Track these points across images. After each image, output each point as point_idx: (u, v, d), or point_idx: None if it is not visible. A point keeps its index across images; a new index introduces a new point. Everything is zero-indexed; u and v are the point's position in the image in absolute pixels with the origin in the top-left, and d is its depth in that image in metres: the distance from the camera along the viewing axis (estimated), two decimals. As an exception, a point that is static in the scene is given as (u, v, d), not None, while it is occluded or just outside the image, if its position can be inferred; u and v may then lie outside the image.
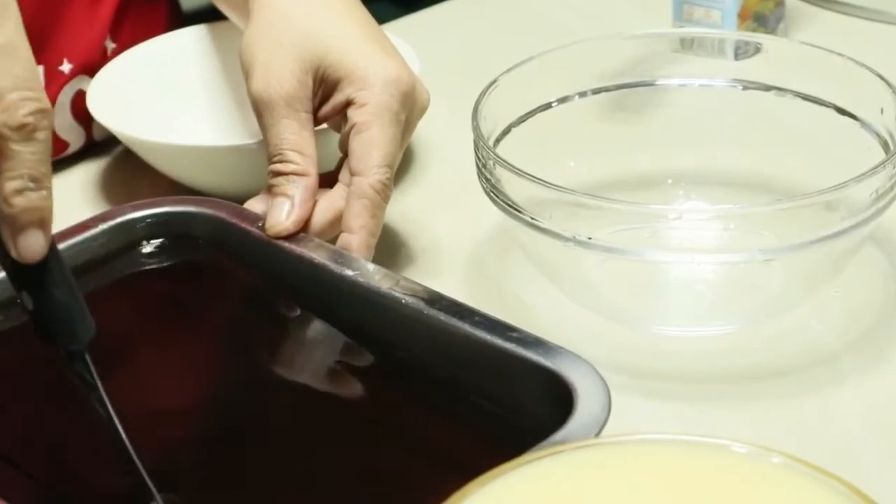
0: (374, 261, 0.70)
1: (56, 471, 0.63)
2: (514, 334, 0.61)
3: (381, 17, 0.80)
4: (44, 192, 0.54)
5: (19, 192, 0.53)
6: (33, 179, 0.53)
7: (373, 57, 0.73)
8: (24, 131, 0.52)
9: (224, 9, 0.89)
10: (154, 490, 0.58)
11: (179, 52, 0.91)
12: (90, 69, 0.88)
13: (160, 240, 0.74)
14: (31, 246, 0.54)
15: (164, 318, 0.73)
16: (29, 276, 0.55)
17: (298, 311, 0.70)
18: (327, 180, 0.74)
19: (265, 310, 0.72)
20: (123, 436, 0.58)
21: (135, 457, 0.58)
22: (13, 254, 0.54)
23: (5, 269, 0.56)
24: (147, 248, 0.74)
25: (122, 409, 0.62)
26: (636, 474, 0.45)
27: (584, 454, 0.46)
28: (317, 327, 0.69)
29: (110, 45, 0.90)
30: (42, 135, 0.53)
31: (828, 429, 0.66)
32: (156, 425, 0.65)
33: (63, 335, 0.57)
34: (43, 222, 0.54)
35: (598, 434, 0.55)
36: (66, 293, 0.56)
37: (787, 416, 0.66)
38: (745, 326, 0.72)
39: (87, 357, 0.57)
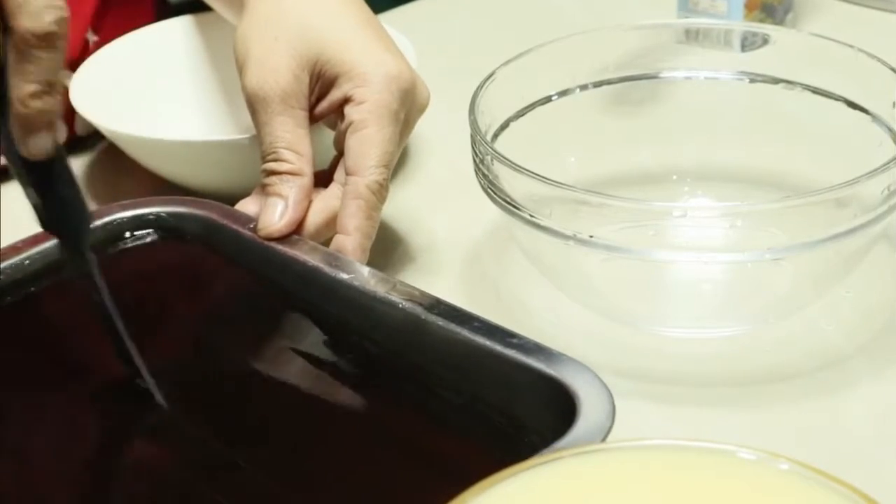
0: (368, 259, 0.69)
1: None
2: (515, 340, 0.60)
3: (376, 7, 0.80)
4: (57, 97, 0.58)
5: (37, 95, 0.57)
6: (49, 84, 0.58)
7: (372, 52, 0.72)
8: (48, 38, 0.56)
9: (213, 2, 0.87)
10: (151, 383, 0.64)
11: (166, 44, 0.91)
12: (71, 62, 0.87)
13: (148, 240, 0.73)
14: (41, 145, 0.59)
15: (151, 320, 0.71)
16: (36, 173, 0.61)
17: (291, 316, 0.69)
18: (321, 178, 0.73)
19: (256, 313, 0.71)
20: (120, 326, 0.64)
21: (131, 345, 0.64)
22: (23, 152, 0.59)
23: (14, 166, 0.61)
24: (134, 248, 0.73)
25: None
26: (638, 481, 0.44)
27: (585, 460, 0.45)
28: (310, 332, 0.68)
29: (92, 38, 0.89)
30: (62, 43, 0.57)
31: (838, 434, 0.65)
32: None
33: (64, 230, 0.63)
34: (52, 125, 0.59)
35: (601, 442, 0.54)
36: (69, 191, 0.62)
37: (795, 420, 0.66)
38: (753, 328, 0.71)
39: (89, 253, 0.63)
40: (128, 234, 0.73)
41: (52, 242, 0.70)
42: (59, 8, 0.56)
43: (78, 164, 0.88)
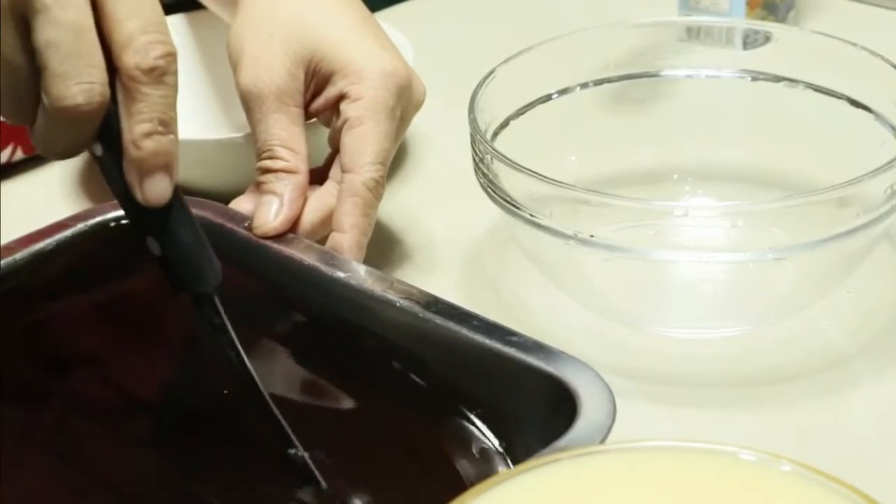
0: (366, 259, 0.69)
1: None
2: (514, 339, 0.59)
3: (374, 4, 0.79)
4: (171, 137, 0.55)
5: (149, 135, 0.54)
6: (162, 123, 0.55)
7: (368, 49, 0.72)
8: (155, 74, 0.54)
9: (207, 0, 0.87)
10: (290, 432, 0.59)
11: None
12: None
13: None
14: (158, 190, 0.55)
15: (146, 318, 0.71)
16: (154, 220, 0.56)
17: (288, 315, 0.69)
18: (316, 176, 0.72)
19: (252, 312, 0.70)
20: (256, 378, 0.59)
21: (269, 400, 0.59)
22: (139, 198, 0.55)
23: (129, 214, 0.57)
24: (130, 248, 0.72)
25: (105, 407, 0.65)
26: (639, 482, 0.43)
27: (585, 461, 0.44)
28: (307, 331, 0.67)
29: None
30: (171, 79, 0.55)
31: (840, 435, 0.65)
32: (135, 422, 0.65)
33: (190, 279, 0.58)
34: (169, 166, 0.55)
35: (602, 442, 0.54)
36: (192, 236, 0.57)
37: (797, 421, 0.65)
38: (754, 328, 0.71)
39: (216, 300, 0.58)
40: (123, 234, 0.73)
41: (45, 243, 0.70)
42: (166, 43, 0.54)
43: (73, 164, 0.87)
